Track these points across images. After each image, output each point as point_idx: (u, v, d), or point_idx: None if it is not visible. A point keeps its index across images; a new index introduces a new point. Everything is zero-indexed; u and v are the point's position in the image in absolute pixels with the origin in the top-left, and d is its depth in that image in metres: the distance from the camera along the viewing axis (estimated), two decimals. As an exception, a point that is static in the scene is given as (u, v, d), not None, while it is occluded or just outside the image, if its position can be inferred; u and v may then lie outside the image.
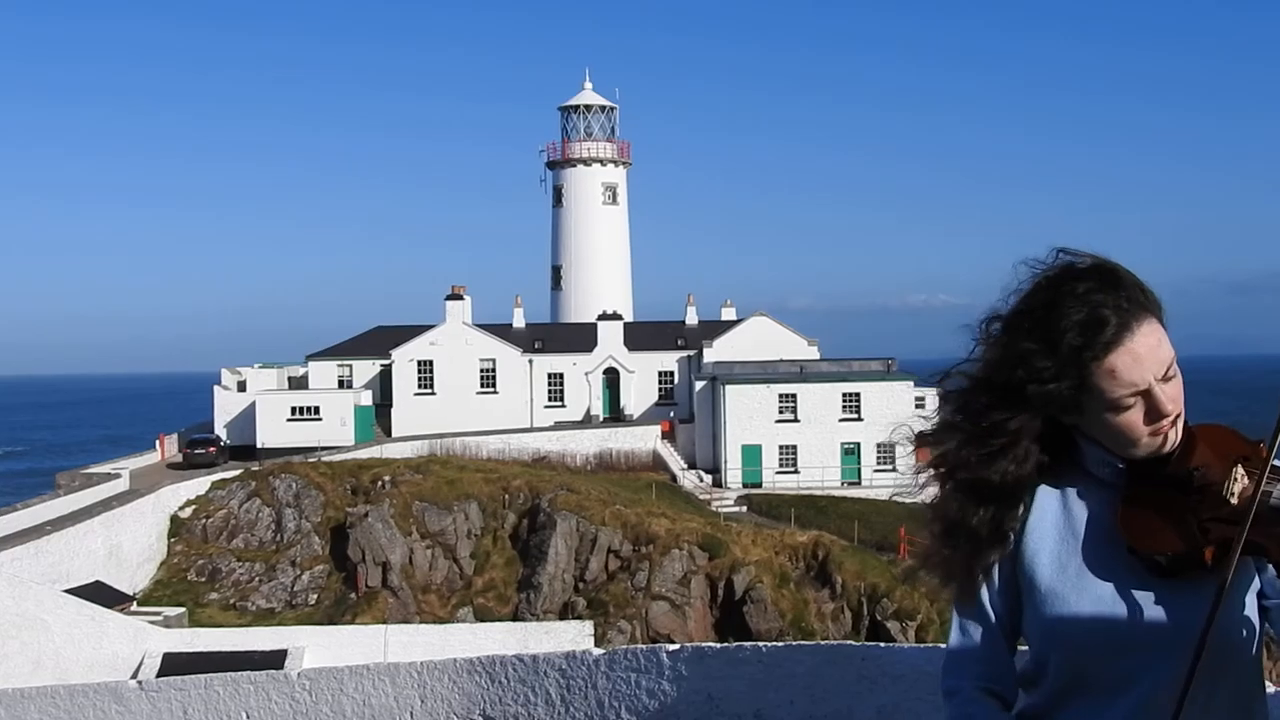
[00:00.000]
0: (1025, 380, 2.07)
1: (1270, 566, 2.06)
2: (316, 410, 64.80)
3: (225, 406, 67.02)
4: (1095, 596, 2.09)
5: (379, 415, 67.53)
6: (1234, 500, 2.04)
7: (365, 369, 70.13)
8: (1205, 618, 2.00)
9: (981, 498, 2.12)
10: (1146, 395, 2.06)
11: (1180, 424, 2.11)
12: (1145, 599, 2.07)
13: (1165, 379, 2.07)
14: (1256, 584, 2.10)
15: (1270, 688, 3.07)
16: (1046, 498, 2.16)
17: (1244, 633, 2.08)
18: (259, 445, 62.71)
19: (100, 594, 39.60)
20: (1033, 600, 2.14)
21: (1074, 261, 2.11)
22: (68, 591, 36.16)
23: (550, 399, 69.03)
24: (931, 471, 2.21)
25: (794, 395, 62.56)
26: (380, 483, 52.16)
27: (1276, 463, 2.05)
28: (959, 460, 2.14)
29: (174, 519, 50.79)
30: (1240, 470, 2.07)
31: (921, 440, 2.24)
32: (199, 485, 52.94)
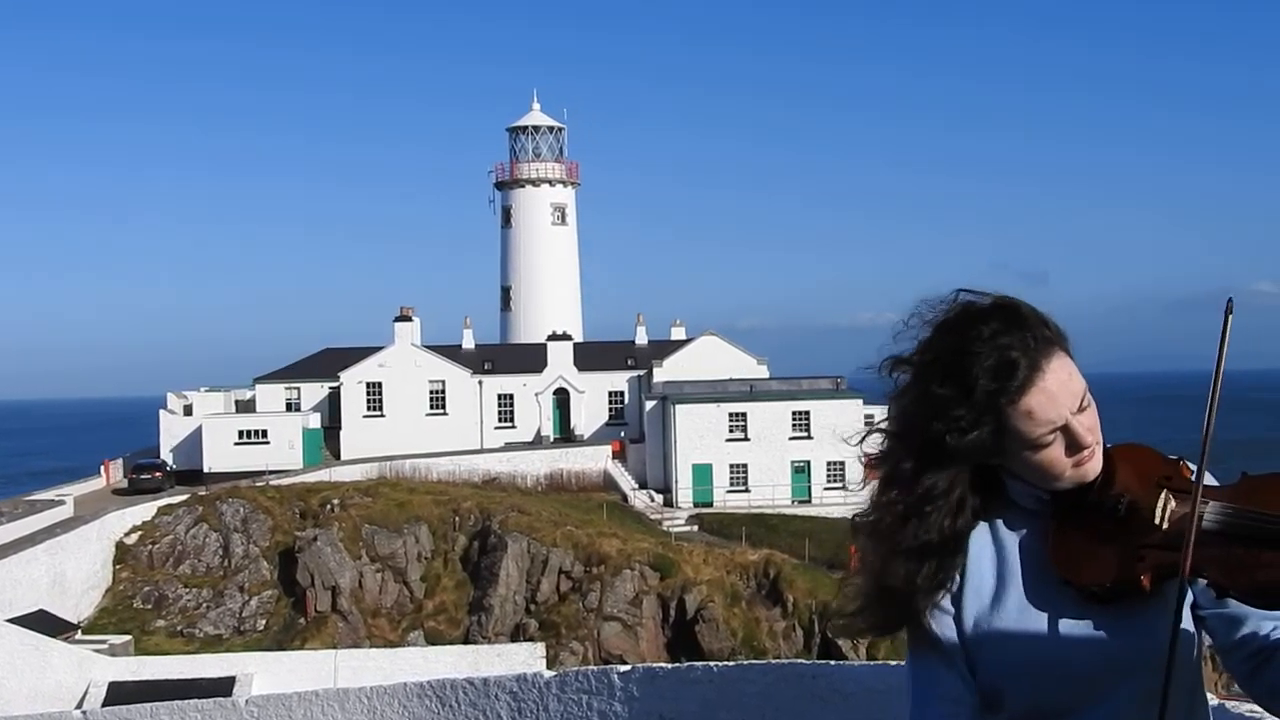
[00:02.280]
0: (944, 431, 2.05)
1: (1201, 580, 2.06)
2: (264, 434, 64.33)
3: (171, 431, 66.40)
4: (1037, 628, 2.08)
5: (328, 438, 67.10)
6: (1164, 525, 2.04)
7: (313, 391, 69.66)
8: (1158, 643, 2.01)
9: (924, 556, 2.10)
10: (1065, 430, 2.06)
11: (1100, 451, 2.11)
12: (1085, 627, 2.07)
13: (1080, 410, 2.07)
14: (1190, 597, 2.10)
15: (1212, 699, 3.09)
16: (979, 534, 2.15)
17: (1190, 647, 2.10)
18: (206, 470, 62.17)
19: (44, 623, 39.07)
20: (977, 637, 2.12)
21: (975, 301, 2.09)
22: (10, 621, 35.65)
23: (500, 420, 68.87)
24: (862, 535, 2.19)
25: (744, 414, 62.73)
26: (329, 506, 51.81)
27: (1208, 481, 2.05)
28: (898, 529, 2.11)
29: (119, 545, 50.18)
30: (1165, 493, 2.06)
31: (872, 465, 2.22)
32: (145, 511, 52.34)
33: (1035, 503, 2.14)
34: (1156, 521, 2.04)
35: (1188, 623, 2.09)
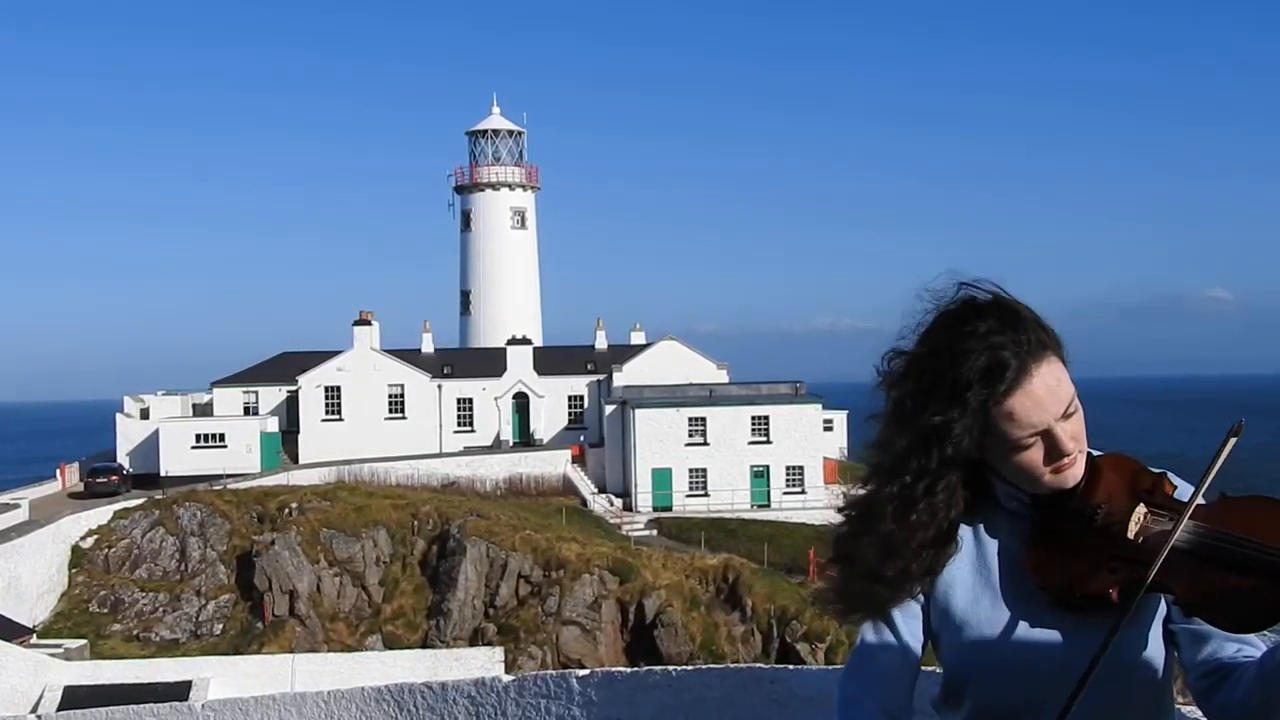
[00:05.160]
0: (936, 424, 2.06)
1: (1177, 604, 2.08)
2: (222, 437, 63.95)
3: (128, 434, 65.88)
4: (1007, 628, 2.09)
5: (285, 442, 66.68)
6: (1138, 539, 2.04)
7: (271, 395, 69.26)
8: (1128, 654, 2.03)
9: (921, 545, 2.10)
10: (1047, 435, 2.06)
11: (1082, 460, 2.11)
12: (1053, 632, 2.08)
13: (1065, 416, 2.07)
14: (1163, 610, 2.12)
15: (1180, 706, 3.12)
16: (962, 530, 2.17)
17: (1153, 660, 2.10)
18: (163, 473, 61.73)
19: (0, 627, 38.70)
20: (948, 629, 2.14)
21: (975, 297, 2.10)
22: (-37, 625, 35.28)
23: (459, 424, 68.68)
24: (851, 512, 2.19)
25: (703, 419, 62.77)
26: (287, 510, 51.54)
27: (1179, 499, 2.06)
28: (897, 517, 2.11)
29: (75, 549, 49.76)
30: (1143, 509, 2.07)
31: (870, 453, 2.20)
32: (101, 515, 51.92)
33: (1017, 505, 2.15)
34: (1130, 535, 2.05)
35: (1157, 637, 2.11)
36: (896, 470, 2.12)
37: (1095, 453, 2.16)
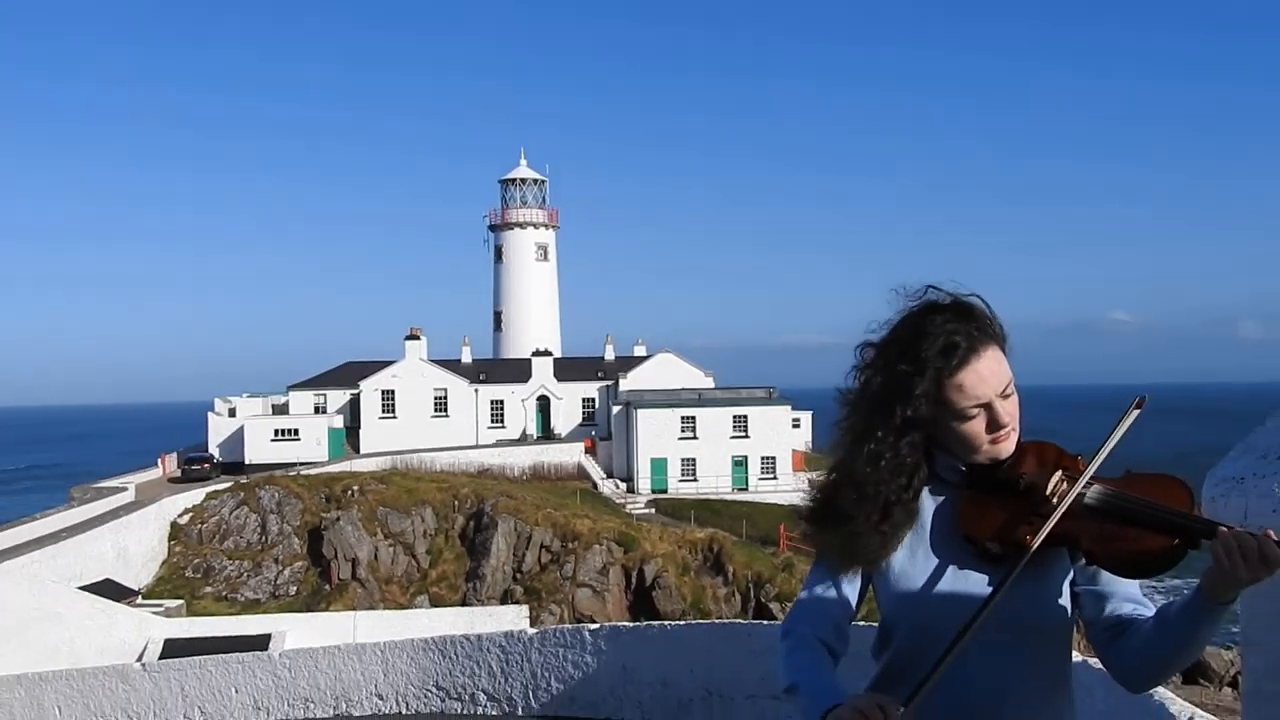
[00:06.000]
0: (900, 397, 2.07)
1: (1083, 557, 2.08)
2: (296, 432, 63.92)
3: (218, 429, 65.84)
4: (937, 576, 2.09)
5: (349, 436, 66.68)
6: (1054, 500, 2.05)
7: (337, 397, 69.21)
8: (1043, 601, 2.04)
9: (890, 503, 2.09)
10: (988, 408, 2.07)
11: (1015, 436, 2.12)
12: (978, 579, 2.07)
13: (1004, 396, 2.08)
14: (1070, 575, 2.12)
15: (1077, 656, 3.11)
16: None
17: (1054, 613, 2.10)
18: (247, 462, 61.69)
19: (110, 590, 38.58)
20: (887, 578, 2.13)
21: (936, 299, 2.12)
22: (81, 588, 35.18)
23: (492, 421, 68.61)
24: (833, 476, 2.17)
25: (693, 417, 62.70)
26: (349, 492, 51.47)
27: (1091, 472, 2.07)
28: (871, 478, 2.10)
29: (173, 525, 49.67)
30: (1060, 475, 2.08)
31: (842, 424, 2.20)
32: (195, 496, 51.85)
33: (955, 475, 2.15)
34: (1048, 494, 2.06)
35: (1064, 596, 2.10)
36: (868, 431, 2.12)
37: (1025, 439, 2.17)
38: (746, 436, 62.19)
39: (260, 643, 30.58)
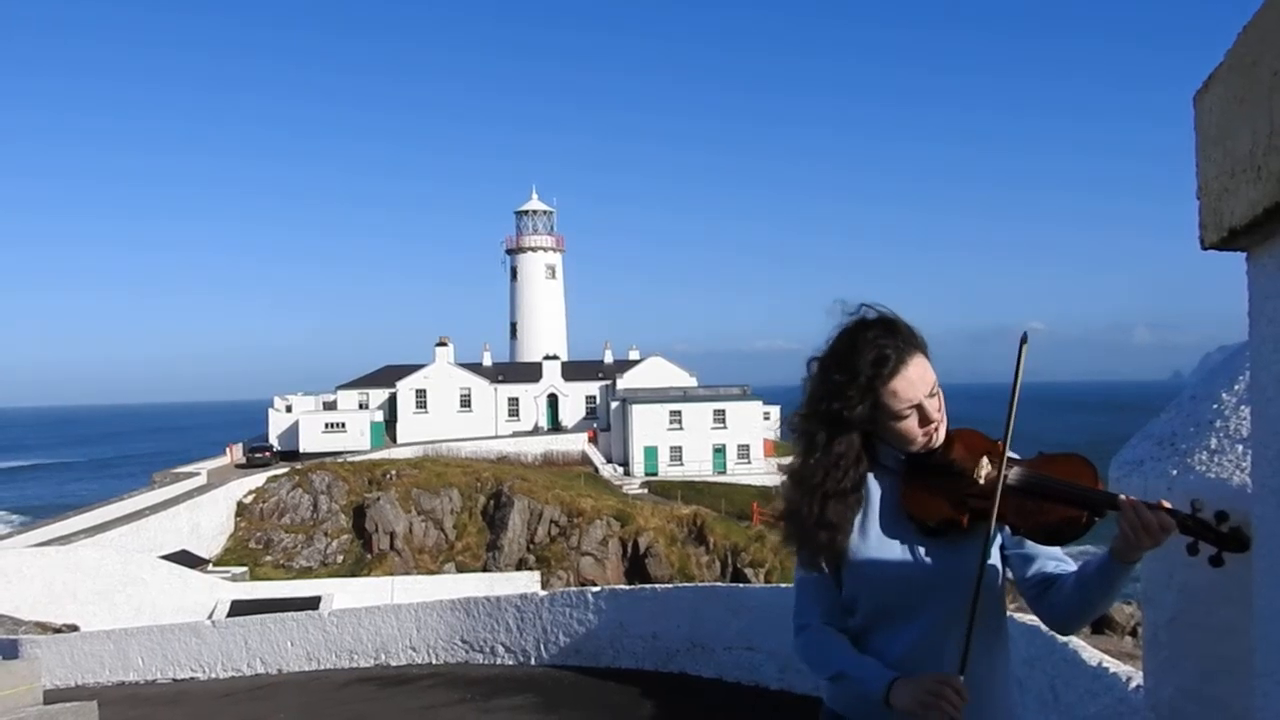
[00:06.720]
0: (841, 406, 2.06)
1: (1008, 529, 2.08)
2: (343, 425, 63.76)
3: (277, 423, 65.63)
4: (887, 552, 2.09)
5: (388, 428, 66.50)
6: (981, 481, 2.06)
7: (378, 395, 69.05)
8: (971, 566, 2.02)
9: (838, 498, 2.09)
10: (919, 408, 2.07)
11: (943, 428, 2.12)
12: (921, 553, 2.08)
13: (931, 395, 2.08)
14: (999, 540, 2.13)
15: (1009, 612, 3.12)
16: None
17: (993, 575, 2.10)
18: (301, 451, 61.49)
19: (185, 559, 38.52)
20: (847, 558, 2.12)
21: (865, 316, 2.10)
22: (162, 557, 35.11)
23: (509, 415, 68.50)
24: (789, 481, 2.16)
25: (680, 412, 62.66)
26: (388, 475, 51.41)
27: (1011, 455, 2.07)
28: (821, 481, 2.10)
29: (239, 504, 49.57)
30: (984, 459, 2.08)
31: (793, 433, 2.18)
32: (257, 480, 51.73)
33: (895, 463, 2.15)
34: (975, 477, 2.07)
35: (995, 559, 2.10)
36: (812, 435, 2.11)
37: (952, 428, 2.17)
38: (725, 428, 62.15)
39: (312, 603, 30.57)
